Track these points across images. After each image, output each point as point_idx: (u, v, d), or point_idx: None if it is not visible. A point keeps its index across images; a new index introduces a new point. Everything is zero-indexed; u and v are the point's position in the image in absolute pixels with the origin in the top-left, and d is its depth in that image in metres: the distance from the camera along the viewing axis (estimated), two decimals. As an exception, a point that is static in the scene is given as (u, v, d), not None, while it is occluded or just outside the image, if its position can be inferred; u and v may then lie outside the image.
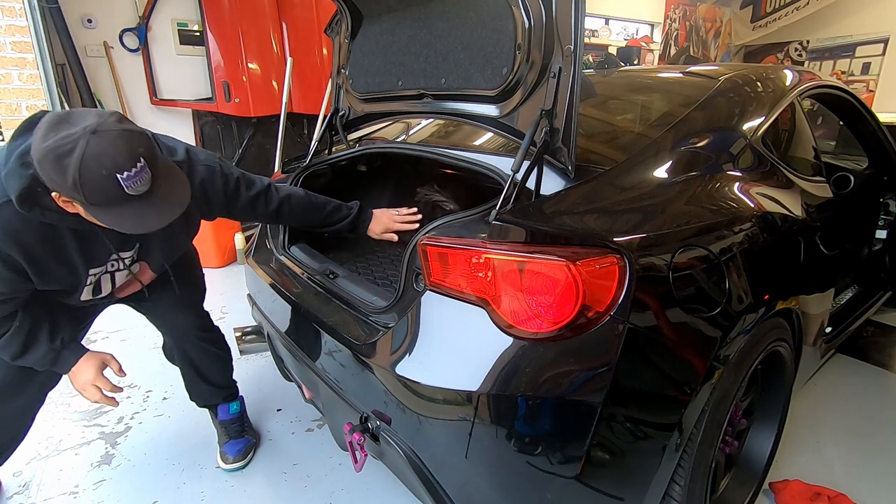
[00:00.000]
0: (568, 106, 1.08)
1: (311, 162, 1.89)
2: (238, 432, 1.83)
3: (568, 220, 1.05)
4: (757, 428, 1.57)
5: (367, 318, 1.32)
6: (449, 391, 1.02)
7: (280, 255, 1.81)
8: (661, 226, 1.06)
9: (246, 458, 1.78)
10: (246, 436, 1.84)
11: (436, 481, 1.11)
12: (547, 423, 0.99)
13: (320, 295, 1.52)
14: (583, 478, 0.99)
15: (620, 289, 0.95)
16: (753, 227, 1.24)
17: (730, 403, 1.20)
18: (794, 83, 1.68)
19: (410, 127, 1.95)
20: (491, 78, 1.30)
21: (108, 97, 4.01)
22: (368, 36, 1.73)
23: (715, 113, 1.43)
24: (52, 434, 1.91)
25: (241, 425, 1.86)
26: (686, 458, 1.11)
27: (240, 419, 1.88)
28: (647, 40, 7.64)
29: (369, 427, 1.21)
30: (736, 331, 1.13)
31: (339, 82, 1.91)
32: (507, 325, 1.00)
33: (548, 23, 1.14)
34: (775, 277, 1.32)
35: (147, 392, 2.19)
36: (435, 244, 1.10)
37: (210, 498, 1.62)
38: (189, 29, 4.28)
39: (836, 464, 1.77)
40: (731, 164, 1.34)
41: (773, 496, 1.60)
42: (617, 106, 1.73)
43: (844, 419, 2.01)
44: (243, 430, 1.86)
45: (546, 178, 1.13)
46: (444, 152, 1.46)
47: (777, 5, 7.76)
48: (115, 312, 3.02)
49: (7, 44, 3.15)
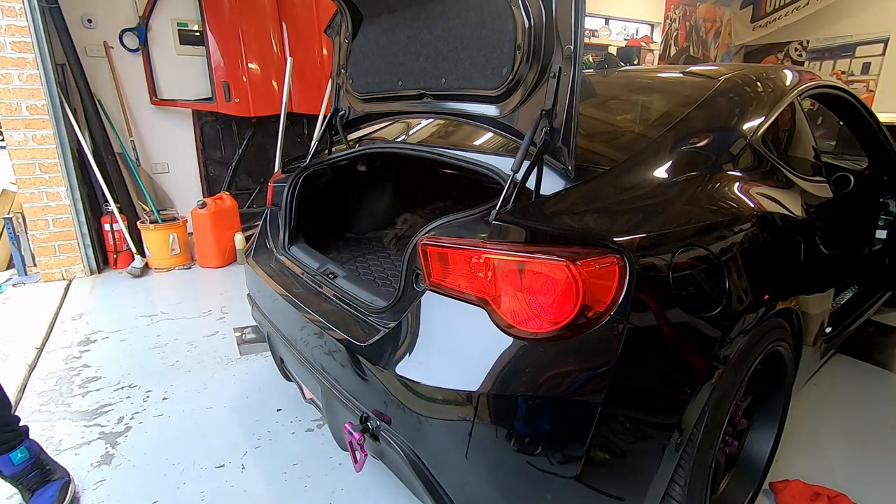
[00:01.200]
0: (568, 106, 1.08)
1: (311, 162, 1.89)
2: (40, 481, 1.54)
3: (568, 220, 1.05)
4: (757, 428, 1.57)
5: (367, 318, 1.32)
6: (449, 391, 1.02)
7: (280, 255, 1.81)
8: (661, 226, 1.06)
9: (65, 500, 1.54)
10: (52, 479, 1.55)
11: (436, 481, 1.11)
12: (547, 424, 0.99)
13: (320, 295, 1.52)
14: (583, 478, 0.99)
15: (620, 289, 0.95)
16: (753, 227, 1.24)
17: (730, 403, 1.20)
18: (794, 83, 1.68)
19: (410, 127, 1.95)
20: (491, 78, 1.30)
21: (108, 97, 4.01)
22: (368, 36, 1.73)
23: (715, 113, 1.43)
24: (53, 434, 1.91)
25: (39, 471, 1.55)
26: (686, 458, 1.11)
27: (34, 465, 1.54)
28: (647, 40, 7.63)
29: (369, 427, 1.21)
30: (736, 331, 1.13)
31: (339, 82, 1.91)
32: (507, 325, 1.00)
33: (548, 23, 1.14)
34: (775, 277, 1.32)
35: (147, 392, 2.19)
36: (435, 244, 1.10)
37: (210, 498, 1.62)
38: (189, 29, 4.28)
39: (836, 464, 1.77)
40: (731, 164, 1.34)
41: (773, 496, 1.60)
42: (617, 106, 1.73)
43: (844, 419, 2.01)
44: (45, 473, 1.56)
45: (546, 178, 1.13)
46: (444, 152, 1.46)
47: (777, 5, 7.76)
48: (116, 312, 3.03)
49: (7, 44, 3.15)
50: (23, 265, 3.61)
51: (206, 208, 3.75)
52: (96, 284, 3.51)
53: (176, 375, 2.31)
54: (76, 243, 3.56)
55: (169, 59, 4.27)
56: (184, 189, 4.51)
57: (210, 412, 2.05)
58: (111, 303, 3.21)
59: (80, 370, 2.36)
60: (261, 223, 2.07)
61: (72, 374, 2.33)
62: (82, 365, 2.41)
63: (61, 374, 2.32)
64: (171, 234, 3.76)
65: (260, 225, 2.07)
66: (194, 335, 2.71)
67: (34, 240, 3.48)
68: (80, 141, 3.57)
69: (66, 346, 2.59)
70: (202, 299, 3.21)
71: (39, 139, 3.33)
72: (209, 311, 3.02)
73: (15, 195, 3.68)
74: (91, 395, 2.17)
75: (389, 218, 2.33)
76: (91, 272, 3.67)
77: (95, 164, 3.65)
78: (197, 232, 3.81)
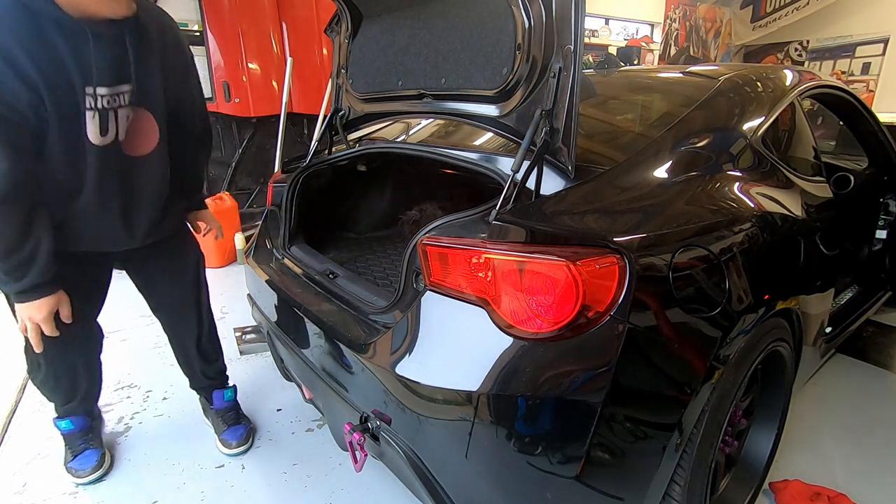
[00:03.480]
0: (568, 106, 1.08)
1: (311, 162, 1.89)
2: (235, 419, 1.87)
3: (568, 220, 1.05)
4: (757, 428, 1.57)
5: (367, 318, 1.32)
6: (449, 391, 1.02)
7: (280, 255, 1.81)
8: (661, 226, 1.06)
9: (248, 441, 1.83)
10: (243, 422, 1.88)
11: (436, 481, 1.11)
12: (547, 423, 0.99)
13: (320, 295, 1.52)
14: (583, 478, 0.99)
15: (620, 289, 0.95)
16: (753, 227, 1.24)
17: (730, 403, 1.20)
18: (794, 83, 1.68)
19: (410, 127, 1.95)
20: (491, 78, 1.30)
21: (108, 97, 4.00)
22: (368, 36, 1.73)
23: (715, 113, 1.43)
24: (53, 434, 1.91)
25: (236, 413, 1.91)
26: (686, 458, 1.11)
27: (235, 407, 1.92)
28: (647, 40, 7.64)
29: (369, 427, 1.21)
30: (736, 331, 1.13)
31: (339, 82, 1.91)
32: (507, 325, 1.00)
33: (548, 23, 1.14)
34: (775, 277, 1.32)
35: (147, 392, 2.19)
36: (435, 244, 1.10)
37: (210, 498, 1.62)
38: (189, 29, 4.27)
39: (836, 464, 1.77)
40: (731, 164, 1.34)
41: (773, 496, 1.60)
42: (617, 106, 1.73)
43: (844, 419, 2.01)
44: (239, 417, 1.90)
45: (546, 178, 1.13)
46: (444, 152, 1.46)
47: (777, 5, 7.76)
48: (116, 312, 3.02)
49: (7, 44, 3.14)
50: (23, 265, 3.60)
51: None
52: (96, 284, 3.50)
53: (176, 375, 2.30)
54: (76, 243, 3.55)
55: (169, 59, 4.26)
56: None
57: (210, 412, 2.04)
58: (111, 303, 3.19)
59: (80, 370, 2.36)
60: (261, 223, 2.07)
61: (72, 374, 2.33)
62: (82, 365, 2.40)
63: (61, 374, 2.32)
64: (171, 234, 3.76)
65: (260, 225, 2.07)
66: (194, 335, 2.70)
67: (34, 240, 3.47)
68: (80, 141, 3.57)
69: (66, 346, 2.58)
70: (202, 299, 3.20)
71: (39, 139, 3.33)
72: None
73: (15, 195, 3.68)
74: (91, 395, 2.17)
75: (389, 218, 2.34)
76: (91, 272, 3.66)
77: (95, 164, 3.64)
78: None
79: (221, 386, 1.92)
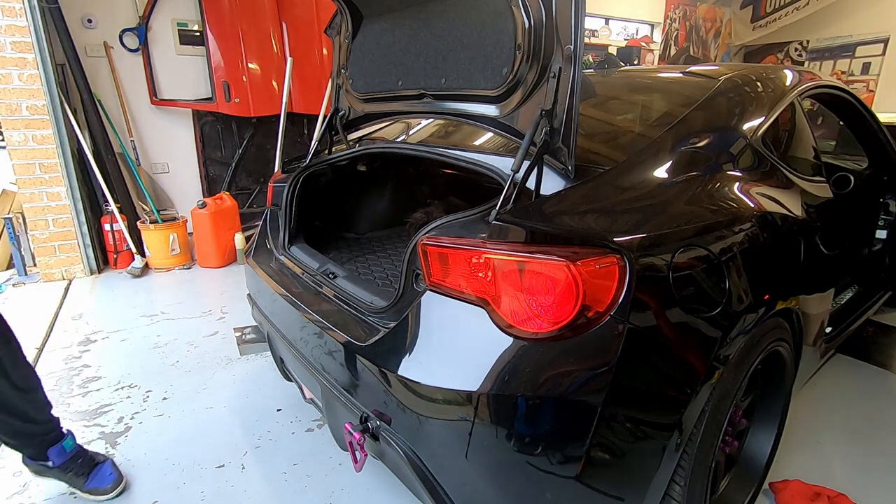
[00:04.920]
0: (568, 106, 1.08)
1: (311, 162, 1.89)
2: (90, 462, 1.62)
3: (568, 220, 1.05)
4: (757, 428, 1.57)
5: (367, 318, 1.32)
6: (449, 391, 1.02)
7: (280, 255, 1.81)
8: (661, 226, 1.06)
9: (122, 477, 1.63)
10: (99, 462, 1.63)
11: (436, 481, 1.11)
12: (547, 424, 0.99)
13: (320, 295, 1.52)
14: (583, 478, 0.99)
15: (620, 289, 0.95)
16: (753, 227, 1.24)
17: (730, 403, 1.20)
18: (794, 83, 1.68)
19: (410, 127, 1.95)
20: (491, 78, 1.30)
21: (108, 97, 4.01)
22: (368, 36, 1.73)
23: (715, 113, 1.43)
24: (52, 434, 1.91)
25: (84, 457, 1.62)
26: (686, 458, 1.11)
27: (80, 451, 1.63)
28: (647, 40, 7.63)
29: (369, 427, 1.21)
30: (736, 331, 1.13)
31: (339, 82, 1.91)
32: (507, 325, 1.00)
33: (548, 23, 1.14)
34: (775, 277, 1.32)
35: (147, 392, 2.19)
36: (435, 244, 1.10)
37: (210, 498, 1.62)
38: (189, 29, 4.28)
39: (836, 464, 1.77)
40: (731, 164, 1.34)
41: (773, 496, 1.60)
42: (617, 106, 1.73)
43: (844, 419, 2.01)
44: (89, 458, 1.63)
45: (546, 178, 1.13)
46: (444, 152, 1.46)
47: (777, 5, 7.76)
48: (116, 312, 3.03)
49: (7, 44, 3.15)
50: (23, 265, 3.61)
51: (206, 208, 3.75)
52: (96, 284, 3.51)
53: (176, 375, 2.31)
54: (76, 243, 3.56)
55: (169, 59, 4.27)
56: (184, 189, 4.51)
57: (210, 412, 2.05)
58: (111, 303, 3.21)
59: (80, 370, 2.36)
60: (261, 223, 2.07)
61: (72, 374, 2.33)
62: (82, 365, 2.41)
63: (61, 374, 2.32)
64: (171, 234, 3.76)
65: (260, 225, 2.07)
66: (194, 335, 2.71)
67: (34, 240, 3.48)
68: (80, 141, 3.58)
69: (66, 346, 2.59)
70: (202, 299, 3.21)
71: (39, 139, 3.33)
72: (209, 311, 3.02)
73: (15, 195, 3.68)
74: (91, 395, 2.17)
75: (389, 218, 2.34)
76: (91, 272, 3.67)
77: (95, 164, 3.65)
78: (197, 232, 3.81)
79: (57, 438, 1.57)
